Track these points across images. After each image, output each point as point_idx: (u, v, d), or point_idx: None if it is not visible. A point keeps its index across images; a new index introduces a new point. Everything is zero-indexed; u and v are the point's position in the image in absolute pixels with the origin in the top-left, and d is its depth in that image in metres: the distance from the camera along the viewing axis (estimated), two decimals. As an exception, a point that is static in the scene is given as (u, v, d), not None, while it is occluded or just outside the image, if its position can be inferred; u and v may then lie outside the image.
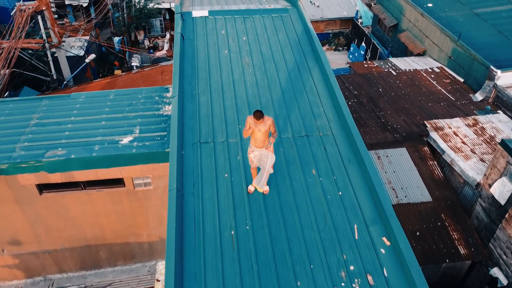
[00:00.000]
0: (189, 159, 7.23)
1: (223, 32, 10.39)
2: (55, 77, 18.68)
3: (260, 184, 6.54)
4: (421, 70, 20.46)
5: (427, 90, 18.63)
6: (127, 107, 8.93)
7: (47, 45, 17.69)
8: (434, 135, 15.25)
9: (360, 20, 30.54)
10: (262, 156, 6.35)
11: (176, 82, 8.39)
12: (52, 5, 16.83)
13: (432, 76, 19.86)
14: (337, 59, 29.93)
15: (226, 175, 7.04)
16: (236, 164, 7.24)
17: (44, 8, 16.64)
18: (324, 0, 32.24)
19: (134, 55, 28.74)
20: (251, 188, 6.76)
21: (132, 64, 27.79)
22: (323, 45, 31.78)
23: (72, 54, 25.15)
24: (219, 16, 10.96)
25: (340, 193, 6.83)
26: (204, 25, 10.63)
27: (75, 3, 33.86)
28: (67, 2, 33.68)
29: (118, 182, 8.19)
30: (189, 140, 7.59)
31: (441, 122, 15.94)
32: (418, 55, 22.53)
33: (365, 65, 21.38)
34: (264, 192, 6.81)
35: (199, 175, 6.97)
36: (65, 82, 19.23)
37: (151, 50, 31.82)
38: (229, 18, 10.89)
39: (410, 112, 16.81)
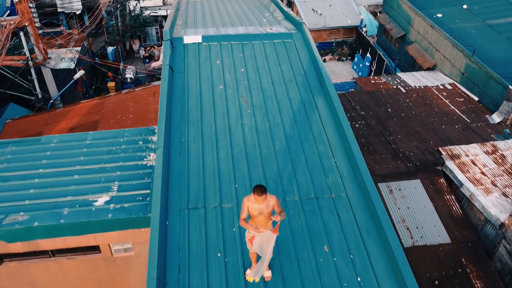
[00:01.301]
0: (174, 232, 5.97)
1: (218, 62, 9.12)
2: (40, 96, 17.40)
3: (258, 274, 5.28)
4: (432, 87, 19.18)
5: (439, 110, 17.34)
6: (105, 155, 7.67)
7: (30, 62, 16.42)
8: (450, 164, 13.96)
9: (364, 29, 29.26)
10: (263, 241, 5.10)
11: (162, 128, 7.12)
12: (35, 20, 15.56)
13: (444, 94, 18.57)
14: (340, 70, 28.66)
15: (218, 254, 5.78)
16: (231, 238, 5.98)
17: (26, 24, 15.37)
18: (326, 8, 30.98)
19: (128, 66, 27.46)
20: (249, 274, 5.50)
21: (126, 76, 26.58)
22: (325, 54, 30.52)
23: (62, 68, 23.91)
24: (214, 42, 9.69)
25: (358, 278, 5.56)
26: (196, 53, 9.35)
27: (68, 10, 32.60)
28: (59, 10, 32.43)
29: (92, 249, 6.95)
30: (175, 206, 6.33)
31: (457, 149, 14.65)
32: (428, 69, 21.25)
33: (372, 81, 20.11)
34: (266, 279, 5.56)
35: (186, 255, 5.71)
36: (52, 100, 17.96)
37: (147, 60, 30.57)
38: (225, 45, 9.62)
39: (423, 136, 15.52)
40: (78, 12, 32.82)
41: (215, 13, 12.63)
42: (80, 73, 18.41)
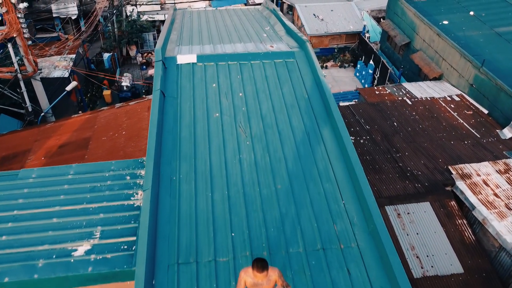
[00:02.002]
0: (161, 294, 5.23)
1: (214, 85, 8.37)
2: (30, 109, 16.64)
3: None
4: (439, 98, 18.42)
5: (447, 124, 16.59)
6: (88, 193, 6.91)
7: (19, 75, 15.66)
8: (461, 184, 13.21)
9: (367, 35, 28.50)
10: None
11: (150, 166, 6.37)
12: (24, 31, 14.80)
13: (452, 106, 17.82)
14: (342, 77, 27.92)
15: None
16: (227, 300, 5.24)
17: (15, 35, 14.62)
18: (328, 13, 30.22)
19: (124, 74, 26.71)
20: None
21: (122, 84, 25.83)
22: (327, 60, 29.78)
23: (55, 76, 23.19)
24: (210, 62, 8.93)
25: None
26: (191, 75, 8.60)
27: (63, 15, 31.87)
28: (54, 15, 31.69)
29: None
30: (163, 260, 5.59)
31: (467, 168, 13.89)
32: (434, 79, 20.50)
33: (377, 92, 19.35)
34: None
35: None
36: (43, 113, 17.20)
37: (144, 67, 29.81)
38: (222, 66, 8.86)
39: (431, 153, 14.76)
40: (74, 17, 32.10)
41: (212, 27, 11.87)
42: (73, 84, 17.65)
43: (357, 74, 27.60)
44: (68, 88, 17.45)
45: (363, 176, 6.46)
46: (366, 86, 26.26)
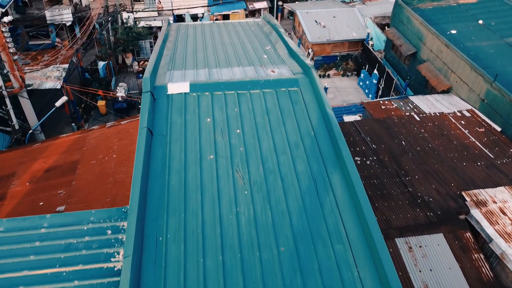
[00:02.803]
0: None
1: (208, 120, 7.45)
2: (17, 126, 15.73)
3: None
4: (449, 114, 17.50)
5: (458, 142, 15.67)
6: (62, 253, 5.99)
7: (5, 92, 14.74)
8: (476, 213, 12.29)
9: (371, 42, 27.58)
10: None
11: (132, 227, 5.46)
12: (9, 45, 13.87)
13: (463, 122, 16.89)
14: (345, 86, 27.01)
15: None
16: None
17: (-1, 50, 13.73)
18: (330, 19, 29.30)
19: (119, 84, 25.80)
20: None
21: (118, 94, 24.90)
22: (329, 69, 28.86)
23: (47, 88, 22.31)
24: (205, 92, 8.00)
25: None
26: (183, 107, 7.67)
27: (57, 22, 30.94)
28: (48, 21, 30.76)
29: None
30: None
31: (482, 194, 12.99)
32: (443, 91, 19.58)
33: (383, 106, 18.43)
34: None
35: None
36: (31, 131, 16.28)
37: (140, 75, 28.88)
38: (218, 96, 7.94)
39: (442, 176, 13.84)
40: (68, 24, 31.19)
41: (209, 46, 10.93)
42: (62, 100, 16.73)
43: (361, 83, 26.69)
44: (58, 104, 16.54)
45: (379, 235, 5.54)
46: (370, 96, 25.36)
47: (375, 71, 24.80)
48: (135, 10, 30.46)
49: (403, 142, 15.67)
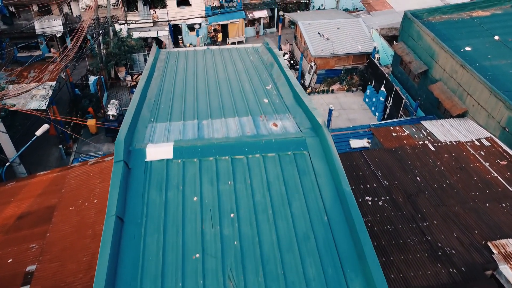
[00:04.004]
0: None
1: (195, 199, 5.97)
2: (-8, 160, 14.29)
3: None
4: (466, 142, 16.01)
5: (479, 178, 14.18)
6: None
7: (-24, 124, 13.30)
8: (505, 269, 10.83)
9: (377, 56, 26.10)
10: None
11: None
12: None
13: (482, 153, 15.40)
14: (350, 103, 25.52)
15: None
16: None
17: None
18: (334, 31, 27.82)
19: (111, 102, 24.31)
20: None
21: (109, 113, 23.47)
22: (333, 83, 27.38)
23: (32, 108, 20.82)
24: (192, 158, 6.51)
25: None
26: (164, 180, 6.18)
27: (47, 32, 29.49)
28: (38, 32, 29.32)
29: None
30: None
31: (511, 244, 11.50)
32: (458, 115, 18.09)
33: (393, 134, 16.94)
34: None
35: None
36: (8, 163, 14.79)
37: (133, 90, 27.37)
38: (208, 163, 6.46)
39: (464, 221, 12.37)
40: (59, 35, 29.74)
41: (200, 85, 9.40)
42: (43, 128, 15.27)
43: (367, 100, 25.20)
44: (39, 132, 15.08)
45: None
46: (377, 114, 23.89)
47: (382, 88, 23.32)
48: (128, 21, 29.00)
49: (418, 178, 14.17)
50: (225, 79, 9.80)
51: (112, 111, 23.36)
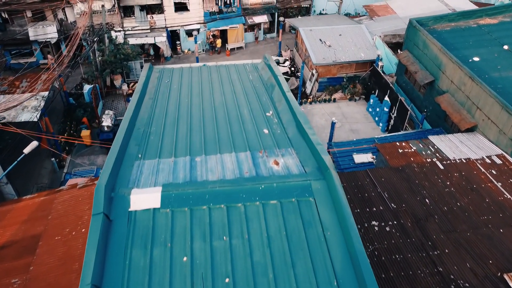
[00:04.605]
0: None
1: (184, 259, 5.20)
2: (-24, 180, 13.52)
3: None
4: (477, 160, 15.24)
5: (491, 200, 13.42)
6: None
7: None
8: (524, 305, 10.02)
9: (380, 63, 25.32)
10: None
11: None
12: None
13: (494, 172, 14.63)
14: (353, 112, 24.74)
15: None
16: None
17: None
18: (336, 38, 27.05)
19: (106, 112, 23.54)
20: None
21: (103, 124, 22.67)
22: (335, 91, 26.61)
23: (23, 120, 20.09)
24: (183, 207, 5.76)
25: None
26: (149, 235, 5.40)
27: (41, 39, 28.72)
28: (32, 39, 28.55)
29: None
30: None
31: (529, 277, 10.71)
32: (467, 130, 17.31)
33: (400, 150, 16.17)
34: None
35: None
36: (-6, 184, 14.05)
37: (129, 98, 26.59)
38: (200, 213, 5.69)
39: (477, 249, 11.60)
40: (53, 41, 28.95)
41: (195, 111, 8.59)
42: (32, 145, 14.50)
43: (370, 109, 24.43)
44: (26, 150, 14.31)
45: None
46: (381, 125, 23.11)
47: (386, 98, 22.53)
48: (124, 28, 28.22)
49: (426, 200, 13.40)
50: (222, 103, 9.03)
51: (106, 122, 22.58)
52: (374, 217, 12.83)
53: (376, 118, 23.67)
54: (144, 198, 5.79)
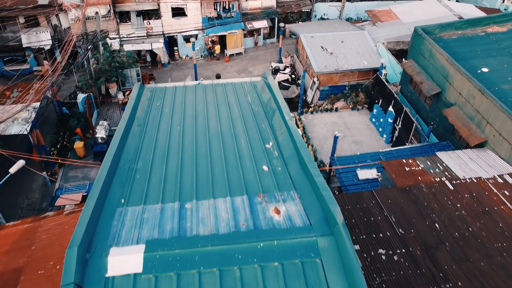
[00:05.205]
0: None
1: None
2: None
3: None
4: (488, 179, 14.45)
5: (505, 224, 12.63)
6: None
7: None
8: None
9: (384, 71, 24.52)
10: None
11: None
12: None
13: (506, 193, 13.84)
14: (355, 123, 23.94)
15: None
16: None
17: None
18: (338, 45, 26.25)
19: (100, 123, 22.75)
20: None
21: (97, 135, 21.88)
22: (337, 100, 25.83)
23: (13, 133, 19.30)
24: (168, 271, 4.96)
25: None
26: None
27: (34, 46, 27.93)
28: (25, 45, 27.75)
29: None
30: None
31: (549, 314, 9.91)
32: (476, 145, 16.52)
33: (406, 168, 15.37)
34: None
35: None
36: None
37: (125, 107, 25.77)
38: (188, 278, 4.86)
39: (493, 281, 10.81)
40: (47, 48, 28.15)
41: (187, 144, 7.83)
42: (18, 164, 13.72)
43: (373, 119, 23.63)
44: (12, 170, 13.53)
45: None
46: (385, 136, 22.32)
47: (391, 109, 21.75)
48: (120, 35, 27.42)
49: (436, 225, 12.60)
50: (217, 132, 8.23)
51: (101, 133, 21.79)
52: (381, 244, 12.03)
53: (380, 129, 22.88)
54: (124, 261, 5.00)
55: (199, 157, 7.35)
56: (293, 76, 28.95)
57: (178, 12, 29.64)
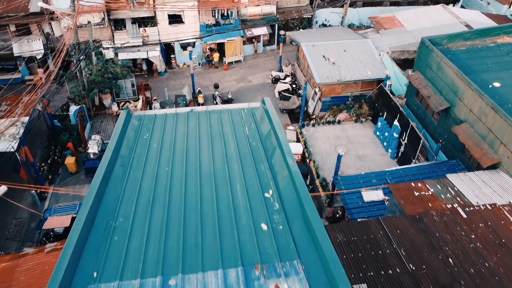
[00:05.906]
0: None
1: None
2: None
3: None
4: (503, 206, 13.52)
5: (524, 259, 11.64)
6: None
7: None
8: None
9: (388, 82, 23.58)
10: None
11: None
12: None
13: (524, 222, 12.86)
14: (359, 136, 22.98)
15: None
16: None
17: None
18: (341, 54, 25.30)
19: (92, 137, 21.79)
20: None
21: (89, 151, 20.94)
22: (339, 111, 24.88)
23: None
24: None
25: None
26: None
27: (26, 54, 26.98)
28: (16, 54, 26.80)
29: None
30: None
31: None
32: (489, 167, 15.55)
33: (416, 192, 14.40)
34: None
35: None
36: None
37: (120, 119, 24.81)
38: None
39: (514, 328, 9.83)
40: (39, 56, 27.18)
41: (175, 189, 6.88)
42: (1, 190, 12.77)
43: (378, 133, 22.67)
44: (-5, 196, 12.59)
45: None
46: (390, 151, 21.35)
47: (396, 123, 20.79)
48: (115, 44, 26.45)
49: (450, 260, 11.66)
50: (210, 176, 7.27)
51: (93, 148, 20.85)
52: (390, 283, 11.08)
53: (385, 143, 21.92)
54: None
55: (187, 211, 6.39)
56: (293, 86, 27.99)
57: (175, 19, 28.69)
